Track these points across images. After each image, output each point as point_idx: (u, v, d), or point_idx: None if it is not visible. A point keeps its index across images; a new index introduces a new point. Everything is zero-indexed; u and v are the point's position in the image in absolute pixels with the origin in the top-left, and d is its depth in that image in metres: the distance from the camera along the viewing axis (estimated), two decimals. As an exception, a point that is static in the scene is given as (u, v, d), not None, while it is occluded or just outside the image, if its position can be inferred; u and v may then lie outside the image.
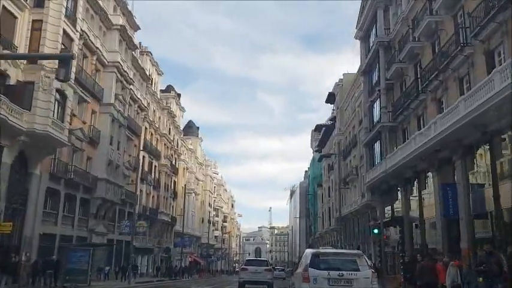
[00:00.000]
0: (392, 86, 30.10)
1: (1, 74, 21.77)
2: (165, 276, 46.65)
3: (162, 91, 58.29)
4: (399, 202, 28.30)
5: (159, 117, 53.09)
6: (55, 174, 27.08)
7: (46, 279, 23.01)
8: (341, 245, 46.32)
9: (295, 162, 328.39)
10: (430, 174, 22.62)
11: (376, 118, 32.29)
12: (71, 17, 25.69)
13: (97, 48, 32.20)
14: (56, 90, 23.88)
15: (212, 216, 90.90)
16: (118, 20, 35.48)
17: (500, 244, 15.35)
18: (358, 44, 39.10)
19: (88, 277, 23.51)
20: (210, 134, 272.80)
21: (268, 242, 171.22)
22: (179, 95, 65.67)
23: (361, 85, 38.81)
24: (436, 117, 20.45)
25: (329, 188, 56.86)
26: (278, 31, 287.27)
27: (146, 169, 46.92)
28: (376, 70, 32.90)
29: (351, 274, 10.24)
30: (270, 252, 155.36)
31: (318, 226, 65.79)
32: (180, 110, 65.31)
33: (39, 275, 22.16)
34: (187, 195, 61.97)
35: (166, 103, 56.69)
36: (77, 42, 27.28)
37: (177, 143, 62.91)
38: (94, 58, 32.23)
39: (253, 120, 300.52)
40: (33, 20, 23.45)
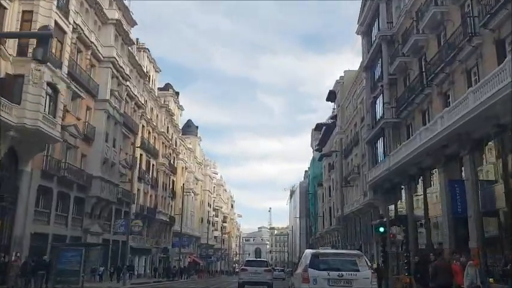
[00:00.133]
0: (395, 81, 29.26)
1: (-11, 67, 20.96)
2: (163, 277, 45.88)
3: (160, 89, 57.51)
4: (403, 201, 27.47)
5: (157, 115, 52.25)
6: (47, 171, 26.20)
7: (37, 280, 22.16)
8: (342, 245, 45.50)
9: (295, 163, 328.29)
10: (436, 170, 21.76)
11: (379, 114, 31.46)
12: (63, 9, 24.84)
13: (92, 42, 31.35)
14: (47, 83, 23.00)
15: (212, 216, 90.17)
16: (114, 15, 34.63)
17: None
18: (358, 44, 38.58)
19: (80, 278, 22.59)
20: (210, 135, 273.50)
21: (268, 243, 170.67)
22: (177, 93, 64.88)
23: (363, 81, 37.97)
24: (443, 111, 19.60)
25: (330, 188, 56.07)
26: (278, 31, 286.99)
27: (144, 168, 46.13)
28: (378, 65, 32.04)
29: (351, 274, 10.30)
30: (270, 252, 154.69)
31: (319, 226, 65.03)
32: (179, 109, 64.49)
33: (28, 276, 21.26)
34: (186, 194, 61.19)
35: (164, 101, 55.90)
36: (70, 35, 26.44)
37: (176, 142, 62.11)
38: (89, 53, 31.38)
39: (253, 120, 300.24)
40: (23, 11, 22.59)
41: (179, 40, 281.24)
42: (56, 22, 23.89)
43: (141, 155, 45.25)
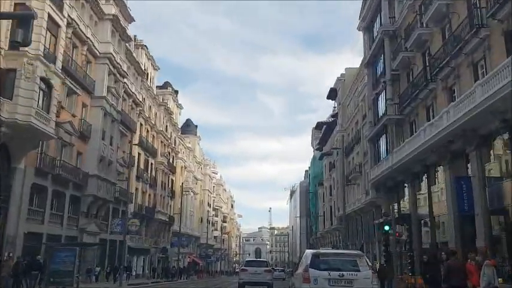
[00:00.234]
0: (398, 77, 28.61)
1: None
2: (162, 277, 45.23)
3: (159, 87, 56.79)
4: (406, 199, 26.83)
5: (156, 113, 51.56)
6: (41, 169, 25.48)
7: (30, 280, 21.51)
8: (343, 245, 44.85)
9: (295, 163, 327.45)
10: (441, 168, 21.13)
11: (381, 111, 30.83)
12: (57, 2, 24.14)
13: (88, 38, 30.66)
14: (41, 78, 22.32)
15: (211, 216, 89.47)
16: (110, 10, 33.92)
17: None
18: (358, 44, 38.31)
19: (74, 279, 21.91)
20: (210, 135, 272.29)
21: (268, 243, 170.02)
22: (176, 92, 64.20)
23: (364, 78, 37.29)
24: (449, 105, 18.97)
25: (330, 187, 55.41)
26: (278, 31, 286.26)
27: (142, 167, 45.45)
28: (381, 61, 31.43)
29: (351, 274, 10.29)
30: (270, 252, 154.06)
31: (319, 226, 64.37)
32: (178, 107, 63.81)
33: (20, 277, 20.58)
34: (185, 194, 60.51)
35: (163, 99, 55.21)
36: (64, 29, 25.75)
37: (175, 141, 61.45)
38: (85, 48, 30.68)
39: (252, 121, 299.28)
40: (15, 3, 21.89)
41: (179, 40, 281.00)
42: (50, 15, 23.20)
43: (140, 154, 44.58)
